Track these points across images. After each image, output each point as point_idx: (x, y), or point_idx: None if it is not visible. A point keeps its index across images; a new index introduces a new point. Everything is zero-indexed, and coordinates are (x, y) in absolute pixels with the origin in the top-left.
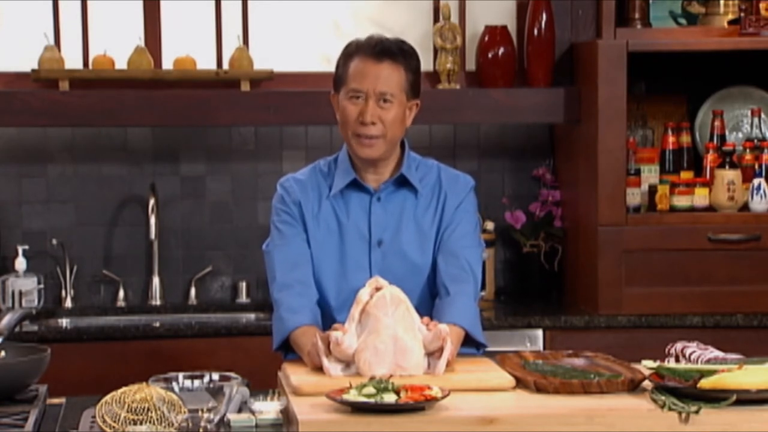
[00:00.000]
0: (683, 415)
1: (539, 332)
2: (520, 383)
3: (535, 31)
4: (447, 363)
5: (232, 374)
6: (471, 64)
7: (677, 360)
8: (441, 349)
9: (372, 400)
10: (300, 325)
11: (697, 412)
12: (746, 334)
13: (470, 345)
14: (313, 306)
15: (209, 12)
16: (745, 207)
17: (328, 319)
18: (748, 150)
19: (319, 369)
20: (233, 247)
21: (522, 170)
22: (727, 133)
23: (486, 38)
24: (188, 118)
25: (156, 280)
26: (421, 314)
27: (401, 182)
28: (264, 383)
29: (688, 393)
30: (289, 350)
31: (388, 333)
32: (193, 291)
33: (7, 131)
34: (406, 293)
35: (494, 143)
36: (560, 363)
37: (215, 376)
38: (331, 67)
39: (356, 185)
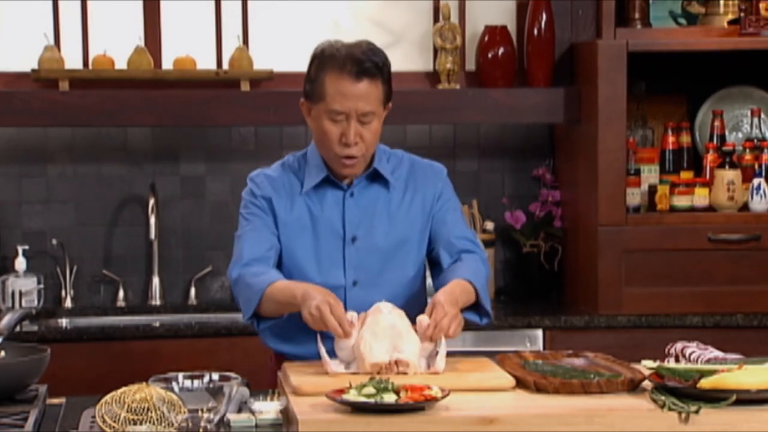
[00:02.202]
0: (683, 415)
1: (539, 332)
2: (520, 383)
3: (535, 31)
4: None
5: (232, 374)
6: (471, 64)
7: (677, 360)
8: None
9: (372, 400)
10: (272, 281)
11: (697, 412)
12: (746, 334)
13: (475, 311)
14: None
15: (209, 12)
16: (745, 207)
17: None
18: (748, 150)
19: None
20: (233, 247)
21: (522, 170)
22: (727, 133)
23: (486, 38)
24: (188, 118)
25: (156, 280)
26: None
27: (373, 177)
28: (264, 383)
29: (688, 393)
30: (260, 319)
31: (386, 321)
32: (193, 291)
33: (7, 131)
34: (383, 288)
35: (494, 143)
36: (560, 363)
37: (215, 376)
38: None
39: (329, 181)
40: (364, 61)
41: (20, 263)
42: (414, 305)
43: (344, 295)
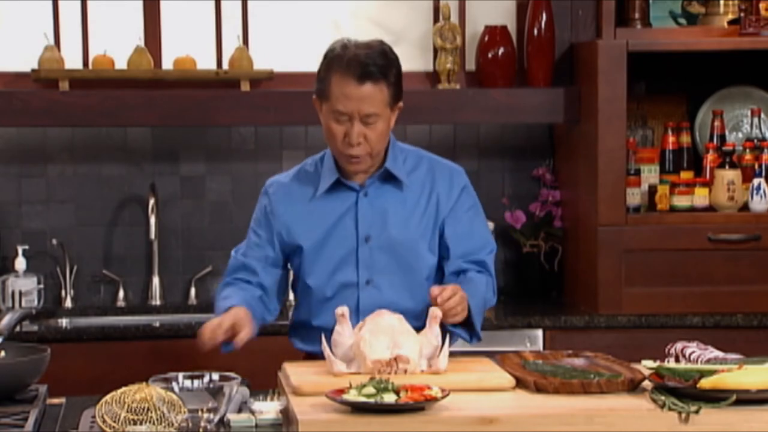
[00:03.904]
0: (683, 415)
1: (539, 332)
2: (520, 383)
3: (535, 31)
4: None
5: (232, 374)
6: (471, 64)
7: (677, 360)
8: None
9: (372, 400)
10: (228, 307)
11: (697, 412)
12: (746, 334)
13: (466, 328)
14: (250, 297)
15: (209, 12)
16: (745, 207)
17: (325, 310)
18: (748, 150)
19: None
20: (233, 247)
21: (522, 170)
22: (727, 133)
23: (486, 38)
24: (188, 118)
25: (156, 280)
26: (416, 315)
27: (386, 176)
28: (264, 383)
29: (688, 393)
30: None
31: (386, 322)
32: (193, 291)
33: (7, 131)
34: (396, 288)
35: (494, 143)
36: (560, 363)
37: (215, 376)
38: None
39: (341, 183)
40: (368, 65)
41: (20, 263)
42: (427, 305)
43: (357, 294)
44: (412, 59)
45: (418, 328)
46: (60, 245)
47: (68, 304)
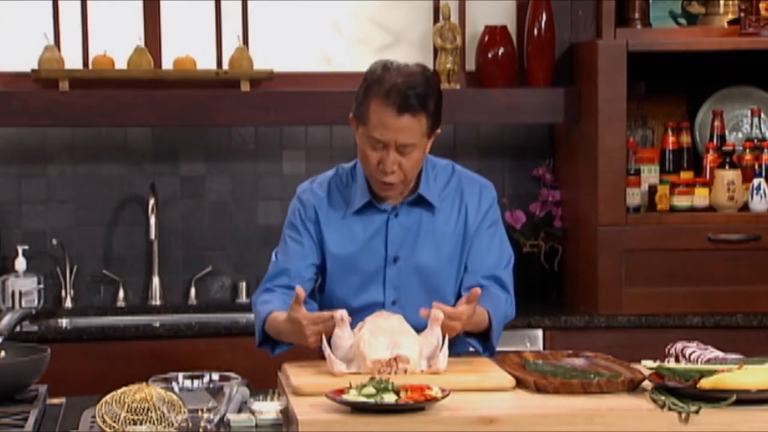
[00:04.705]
0: (683, 415)
1: (539, 332)
2: (520, 383)
3: (535, 31)
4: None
5: (232, 374)
6: (471, 64)
7: (677, 360)
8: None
9: (372, 400)
10: (271, 311)
11: (697, 412)
12: (746, 334)
13: (480, 340)
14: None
15: (209, 12)
16: (745, 207)
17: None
18: (748, 150)
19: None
20: (233, 247)
21: (522, 170)
22: (727, 133)
23: (486, 38)
24: (188, 118)
25: (156, 280)
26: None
27: (419, 200)
28: (264, 383)
29: (688, 393)
30: (270, 343)
31: (386, 322)
32: (193, 291)
33: (7, 131)
34: (421, 308)
35: (494, 143)
36: (560, 363)
37: (215, 376)
38: (331, 67)
39: (372, 204)
40: (409, 96)
41: (20, 263)
42: None
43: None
44: (412, 59)
45: None
46: (60, 245)
47: (68, 304)
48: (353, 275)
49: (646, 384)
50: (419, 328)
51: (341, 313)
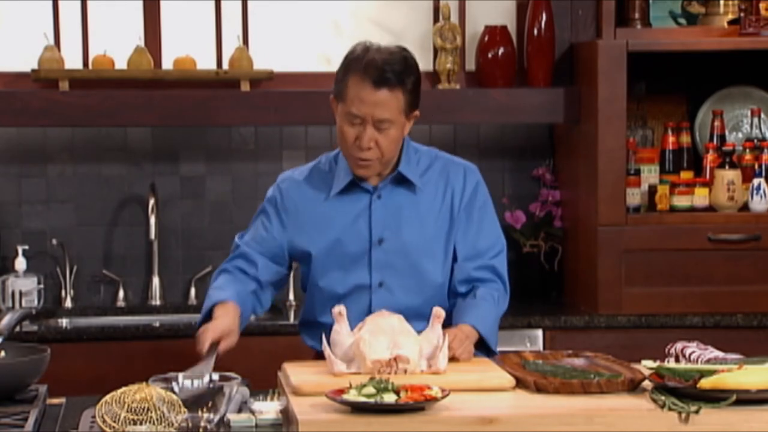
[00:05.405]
0: (683, 415)
1: (539, 332)
2: (520, 383)
3: (535, 31)
4: (450, 356)
5: (232, 374)
6: (471, 64)
7: (677, 360)
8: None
9: (372, 400)
10: (220, 300)
11: (697, 412)
12: (746, 334)
13: (481, 350)
14: (243, 291)
15: (209, 12)
16: (745, 207)
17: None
18: (748, 150)
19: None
20: (233, 247)
21: (522, 170)
22: (727, 133)
23: (486, 38)
24: (188, 118)
25: (156, 280)
26: (428, 318)
27: (400, 179)
28: (264, 383)
29: (688, 393)
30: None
31: (386, 322)
32: (193, 291)
33: (7, 131)
34: (410, 291)
35: (494, 143)
36: (560, 363)
37: (215, 376)
38: (331, 67)
39: (355, 184)
40: (386, 70)
41: (20, 263)
42: (438, 302)
43: (369, 296)
44: None
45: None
46: (60, 245)
47: (68, 304)
48: (338, 260)
49: (646, 384)
50: (407, 311)
51: (339, 309)
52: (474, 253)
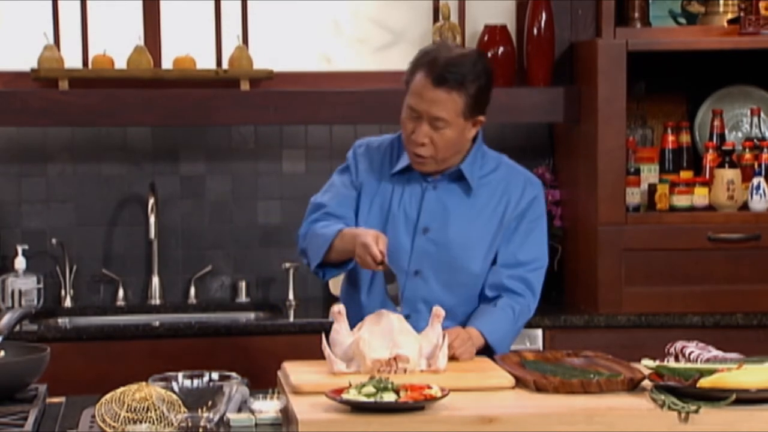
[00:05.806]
0: (683, 415)
1: (539, 332)
2: (520, 383)
3: (535, 31)
4: (451, 357)
5: (232, 374)
6: None
7: (677, 359)
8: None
9: (371, 399)
10: (340, 229)
11: (696, 411)
12: (746, 333)
13: (485, 354)
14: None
15: (209, 12)
16: (744, 206)
17: (372, 287)
18: (747, 149)
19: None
20: (233, 246)
21: None
22: (726, 132)
23: (486, 38)
24: (188, 117)
25: (156, 280)
26: (455, 316)
27: (459, 176)
28: (264, 383)
29: (687, 392)
30: (327, 266)
31: (386, 322)
32: (192, 291)
33: (7, 131)
34: (443, 284)
35: (494, 143)
36: (560, 363)
37: (215, 375)
38: (331, 67)
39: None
40: (448, 71)
41: (20, 263)
42: (470, 308)
43: (404, 282)
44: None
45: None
46: (60, 245)
47: (68, 303)
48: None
49: (646, 383)
50: (439, 302)
51: (339, 308)
52: (513, 261)
